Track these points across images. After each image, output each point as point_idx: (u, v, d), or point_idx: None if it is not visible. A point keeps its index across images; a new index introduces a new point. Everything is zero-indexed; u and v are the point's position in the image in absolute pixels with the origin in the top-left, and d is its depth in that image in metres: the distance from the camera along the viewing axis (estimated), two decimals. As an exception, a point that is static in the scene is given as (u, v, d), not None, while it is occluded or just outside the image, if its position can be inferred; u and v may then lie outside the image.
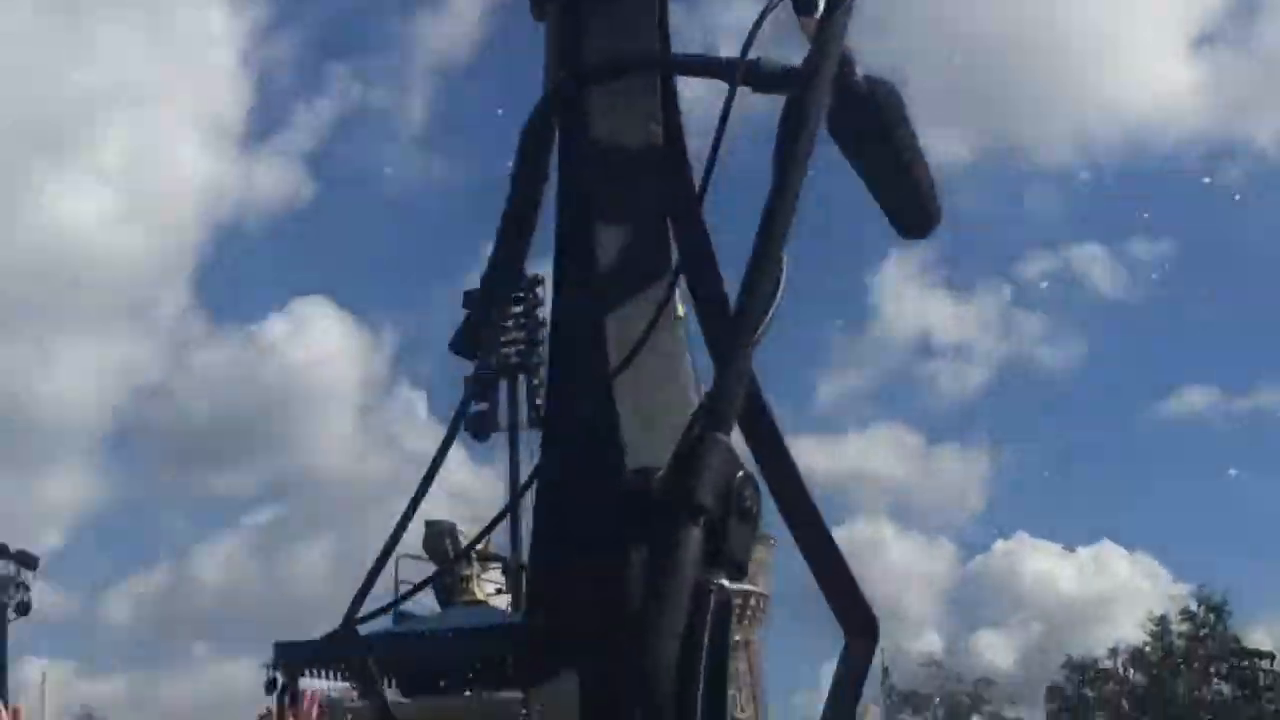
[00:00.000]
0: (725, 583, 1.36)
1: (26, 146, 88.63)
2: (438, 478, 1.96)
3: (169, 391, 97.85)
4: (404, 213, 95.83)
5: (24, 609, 36.88)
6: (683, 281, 1.94)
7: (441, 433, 2.01)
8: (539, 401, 43.43)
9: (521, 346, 42.43)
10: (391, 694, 37.63)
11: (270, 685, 39.04)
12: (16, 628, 37.40)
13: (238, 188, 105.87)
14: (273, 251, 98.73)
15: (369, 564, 2.00)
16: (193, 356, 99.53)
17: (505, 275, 2.00)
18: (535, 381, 42.45)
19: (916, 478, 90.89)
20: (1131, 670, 61.79)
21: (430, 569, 30.03)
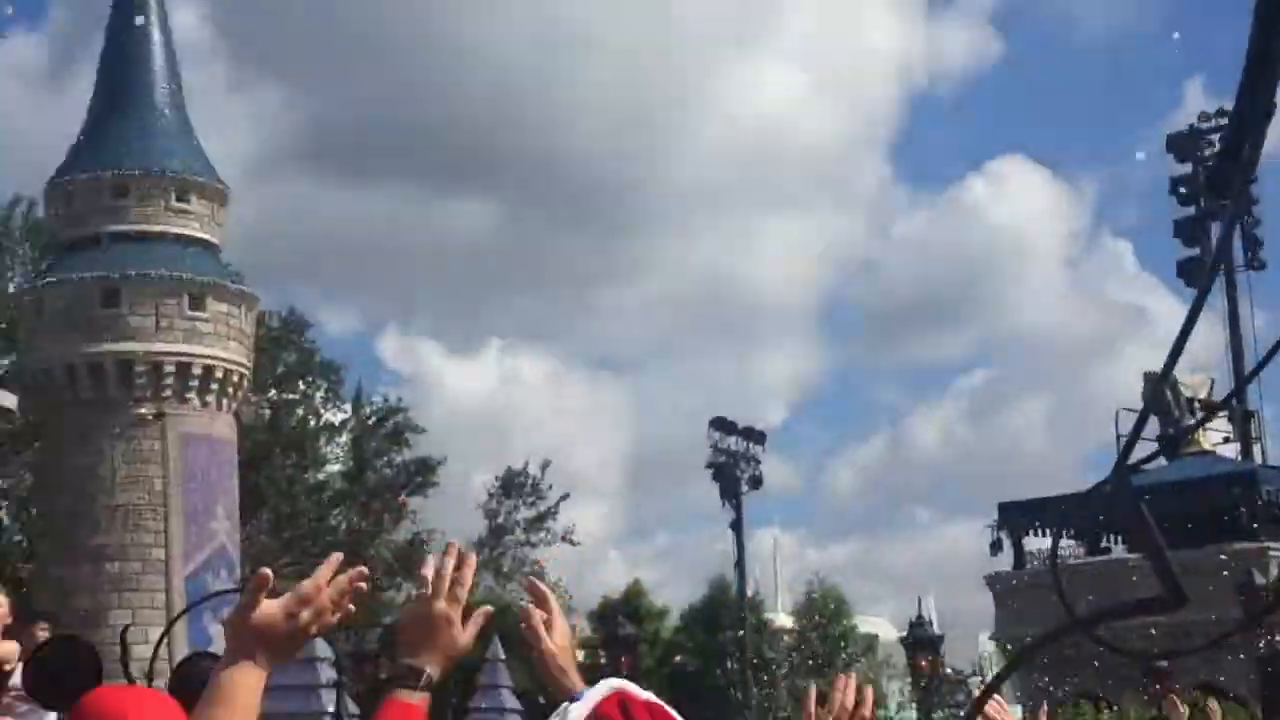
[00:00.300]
0: None
1: (719, 38, 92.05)
2: (1156, 327, 1.91)
3: (874, 262, 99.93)
4: (1096, 62, 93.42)
5: (756, 482, 38.77)
6: None
7: (1149, 280, 1.96)
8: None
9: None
10: (1118, 550, 37.17)
11: (995, 546, 39.37)
12: (749, 500, 39.45)
13: (926, 54, 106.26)
14: (966, 114, 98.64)
15: (1086, 420, 1.98)
16: (895, 225, 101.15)
17: (1256, 109, 1.93)
18: (1249, 220, 40.55)
19: None
20: None
21: (1150, 421, 29.36)
